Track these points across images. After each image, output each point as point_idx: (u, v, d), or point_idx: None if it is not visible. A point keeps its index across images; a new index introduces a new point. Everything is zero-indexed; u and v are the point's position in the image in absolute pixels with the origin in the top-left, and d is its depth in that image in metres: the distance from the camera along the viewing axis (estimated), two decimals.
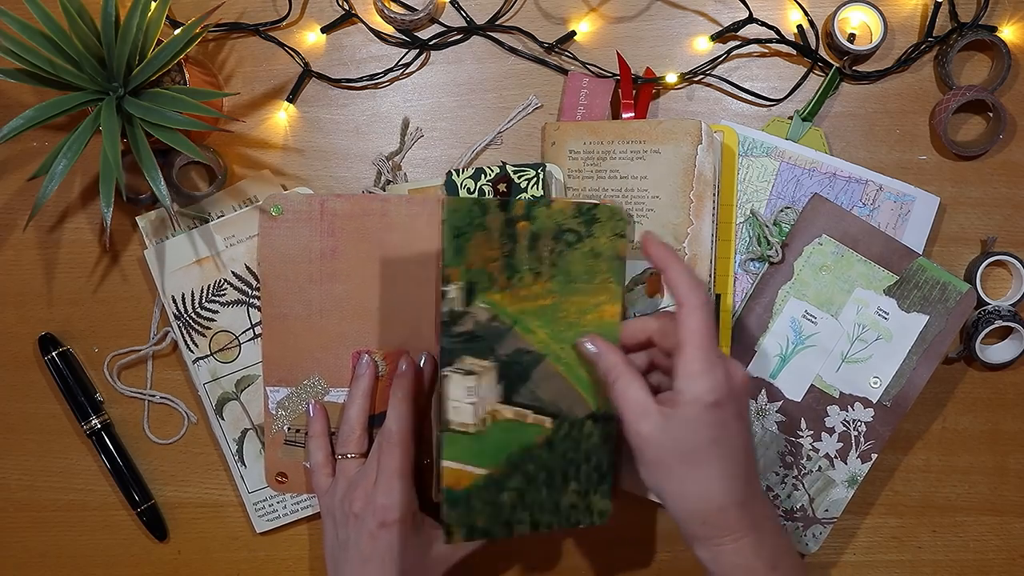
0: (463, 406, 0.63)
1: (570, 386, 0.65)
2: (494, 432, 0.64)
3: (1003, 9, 0.78)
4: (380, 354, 0.74)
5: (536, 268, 0.64)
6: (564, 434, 0.65)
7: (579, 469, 0.65)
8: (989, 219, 0.78)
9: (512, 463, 0.64)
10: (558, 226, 0.64)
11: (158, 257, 0.76)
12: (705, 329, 0.59)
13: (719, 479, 0.59)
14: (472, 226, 0.62)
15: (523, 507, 0.65)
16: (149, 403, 0.79)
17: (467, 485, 0.63)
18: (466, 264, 0.62)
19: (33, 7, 0.68)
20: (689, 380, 0.58)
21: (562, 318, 0.64)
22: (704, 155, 0.72)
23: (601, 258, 0.64)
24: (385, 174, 0.77)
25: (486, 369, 0.64)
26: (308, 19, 0.79)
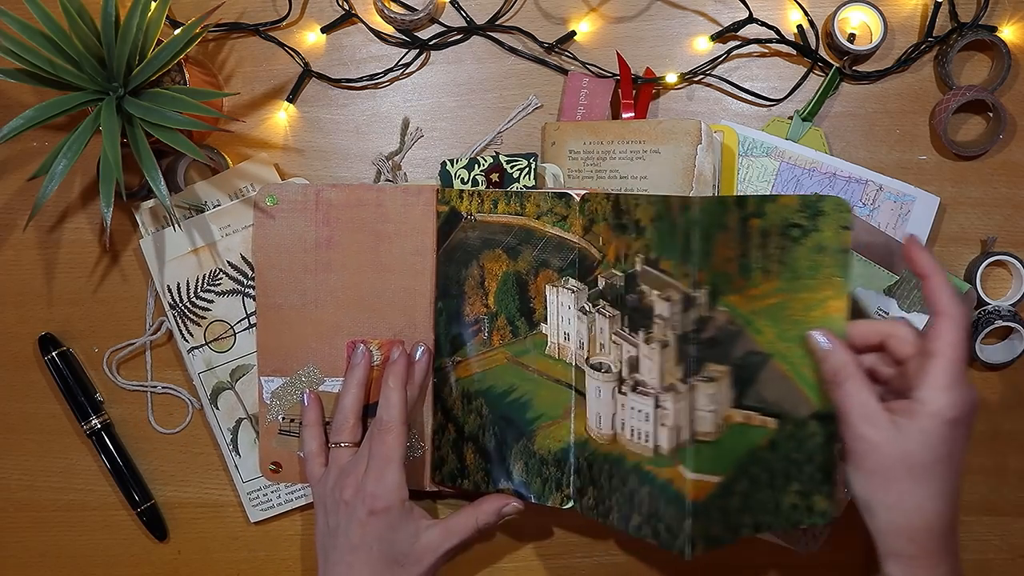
0: (705, 415, 0.61)
1: (794, 385, 0.63)
2: (728, 438, 0.62)
3: (1003, 9, 0.78)
4: (375, 344, 0.74)
5: (766, 266, 0.62)
6: (788, 434, 0.63)
7: (801, 469, 0.63)
8: (989, 219, 0.78)
9: (740, 467, 0.62)
10: (784, 221, 0.62)
11: (155, 247, 0.76)
12: (961, 343, 0.57)
13: (938, 498, 0.57)
14: (717, 226, 0.60)
15: (746, 510, 0.63)
16: (151, 394, 0.79)
17: (706, 495, 0.61)
18: (712, 267, 0.61)
19: (33, 7, 0.68)
20: (936, 392, 0.56)
21: (788, 316, 0.62)
22: (704, 155, 0.72)
23: (826, 252, 0.62)
24: (385, 173, 0.77)
25: (723, 374, 0.62)
26: (308, 19, 0.79)
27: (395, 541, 0.66)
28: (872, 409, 0.58)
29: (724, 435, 0.62)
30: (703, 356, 0.61)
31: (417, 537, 0.67)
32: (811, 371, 0.62)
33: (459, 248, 0.73)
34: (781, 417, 0.63)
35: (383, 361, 0.74)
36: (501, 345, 0.72)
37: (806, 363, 0.62)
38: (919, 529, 0.58)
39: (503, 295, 0.71)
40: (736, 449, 0.62)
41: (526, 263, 0.71)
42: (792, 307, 0.62)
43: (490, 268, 0.72)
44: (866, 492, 0.59)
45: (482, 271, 0.72)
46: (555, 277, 0.70)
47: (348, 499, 0.67)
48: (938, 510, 0.57)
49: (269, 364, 0.75)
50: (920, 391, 0.57)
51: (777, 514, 0.63)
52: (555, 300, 0.70)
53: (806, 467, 0.63)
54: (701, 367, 0.61)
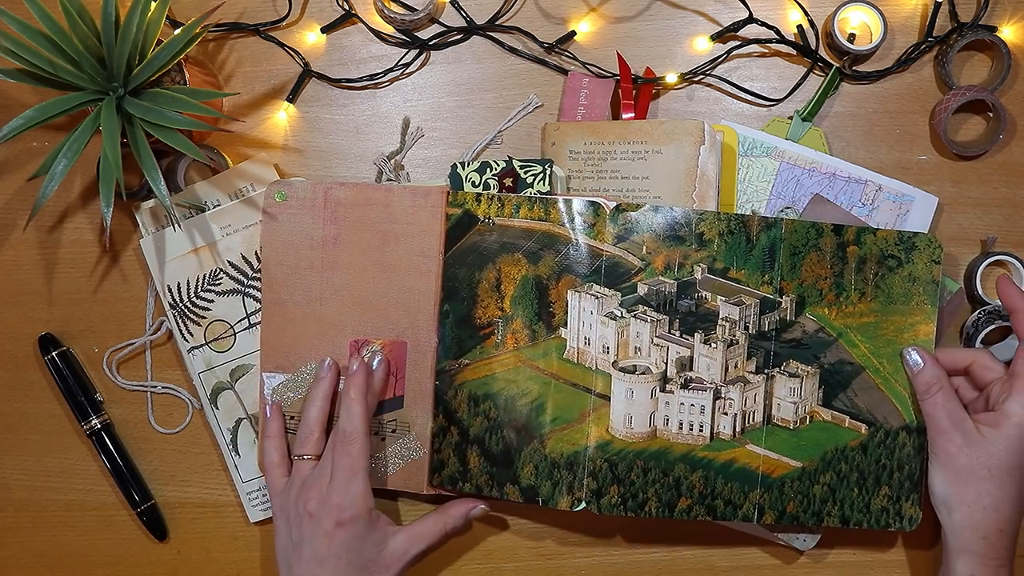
0: (785, 404, 0.71)
1: (886, 398, 0.71)
2: (811, 431, 0.71)
3: (1003, 9, 0.78)
4: (378, 343, 0.74)
5: (862, 288, 0.71)
6: (879, 441, 0.71)
7: (892, 475, 0.71)
8: (989, 219, 0.78)
9: (826, 460, 0.71)
10: (882, 252, 0.71)
11: (155, 246, 0.76)
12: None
13: (1013, 501, 0.65)
14: (807, 246, 0.70)
15: (834, 502, 0.71)
16: (151, 394, 0.79)
17: (781, 474, 0.71)
18: (798, 279, 0.71)
19: (33, 7, 0.68)
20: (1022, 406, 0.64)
21: (882, 335, 0.71)
22: (706, 155, 0.72)
23: (918, 282, 0.71)
24: (387, 173, 0.77)
25: (809, 374, 0.71)
26: (308, 19, 0.79)
27: (362, 550, 0.67)
28: (960, 416, 0.66)
29: (806, 428, 0.71)
30: (785, 353, 0.71)
31: (384, 544, 0.68)
32: (903, 387, 0.71)
33: (472, 251, 0.73)
34: (873, 424, 0.71)
35: (386, 363, 0.74)
36: (515, 348, 0.72)
37: (899, 379, 0.71)
38: (992, 529, 0.65)
39: (521, 299, 0.72)
40: (822, 443, 0.71)
41: (548, 268, 0.72)
42: (886, 327, 0.71)
43: (507, 272, 0.72)
44: (948, 490, 0.66)
45: (499, 274, 0.72)
46: (578, 283, 0.71)
47: (313, 511, 0.67)
48: (1010, 513, 0.65)
49: (272, 360, 0.75)
50: (1007, 404, 0.65)
51: (867, 513, 0.71)
52: (577, 305, 0.71)
53: (896, 474, 0.71)
54: (782, 362, 0.71)
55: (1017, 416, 0.64)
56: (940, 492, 0.66)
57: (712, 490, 0.71)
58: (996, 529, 0.65)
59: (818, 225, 0.70)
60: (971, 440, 0.65)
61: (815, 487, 0.71)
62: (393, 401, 0.75)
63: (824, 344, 0.71)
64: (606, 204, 0.71)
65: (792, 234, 0.70)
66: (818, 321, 0.71)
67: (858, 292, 0.71)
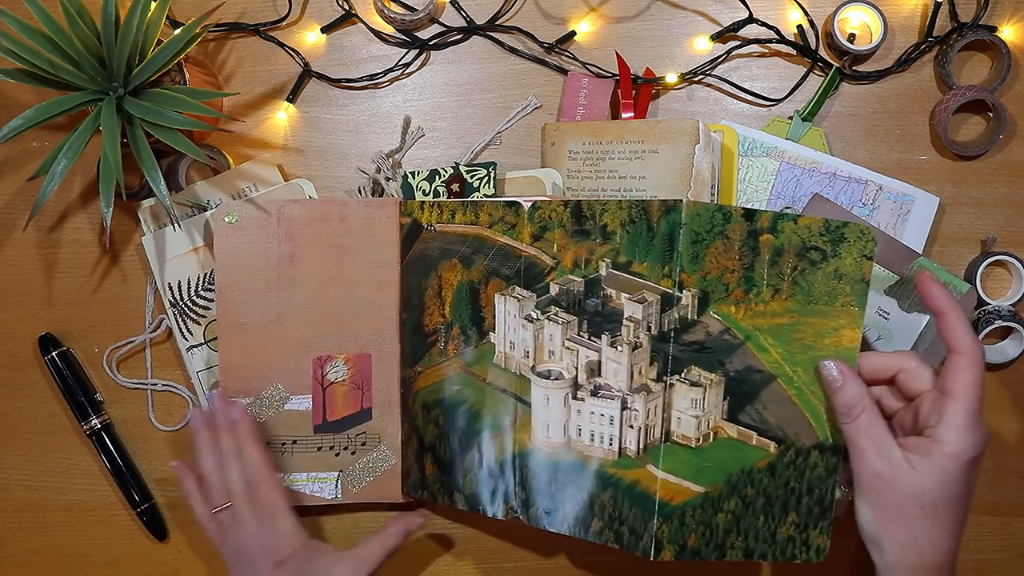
0: (686, 418, 0.61)
1: (799, 412, 0.61)
2: (715, 449, 0.61)
3: (1003, 9, 0.78)
4: (342, 359, 0.74)
5: (776, 284, 0.61)
6: (788, 461, 0.62)
7: (800, 500, 0.62)
8: (989, 219, 0.78)
9: (731, 485, 0.61)
10: (803, 243, 0.61)
11: (155, 244, 0.76)
12: (980, 382, 0.57)
13: (949, 536, 0.57)
14: (712, 233, 0.60)
15: (738, 532, 0.62)
16: (152, 392, 0.79)
17: (682, 501, 0.61)
18: (701, 272, 0.60)
19: (33, 7, 0.68)
20: (956, 432, 0.56)
21: (798, 339, 0.61)
22: (702, 155, 0.72)
23: (845, 280, 0.61)
24: (385, 171, 0.77)
25: (713, 383, 0.61)
26: (308, 19, 0.79)
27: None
28: (887, 445, 0.57)
29: (710, 446, 0.61)
30: (685, 358, 0.61)
31: (329, 573, 0.68)
32: (818, 399, 0.61)
33: (420, 259, 0.73)
34: (783, 442, 0.62)
35: (350, 376, 0.73)
36: (456, 354, 0.71)
37: (814, 390, 0.61)
38: (929, 567, 0.57)
39: (457, 305, 0.71)
40: (727, 464, 0.61)
41: (479, 272, 0.70)
42: (803, 331, 0.61)
43: (447, 278, 0.72)
44: (877, 528, 0.58)
45: (440, 281, 0.72)
46: (503, 286, 0.69)
47: (252, 557, 0.67)
48: (949, 547, 0.57)
49: (233, 385, 0.74)
50: (938, 430, 0.56)
51: (772, 543, 0.62)
52: (503, 309, 0.69)
53: (805, 499, 0.62)
54: (682, 368, 0.61)
55: (950, 445, 0.56)
56: (869, 530, 0.58)
57: (619, 514, 0.63)
58: (933, 567, 0.57)
59: (725, 209, 0.60)
60: (900, 472, 0.56)
61: (718, 515, 0.61)
62: (361, 414, 0.74)
63: (730, 348, 0.61)
64: (525, 203, 0.69)
65: (694, 219, 0.60)
66: (724, 321, 0.61)
67: (771, 288, 0.61)
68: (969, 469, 0.56)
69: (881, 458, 0.57)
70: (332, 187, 0.79)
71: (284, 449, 0.74)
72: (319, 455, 0.74)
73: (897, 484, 0.56)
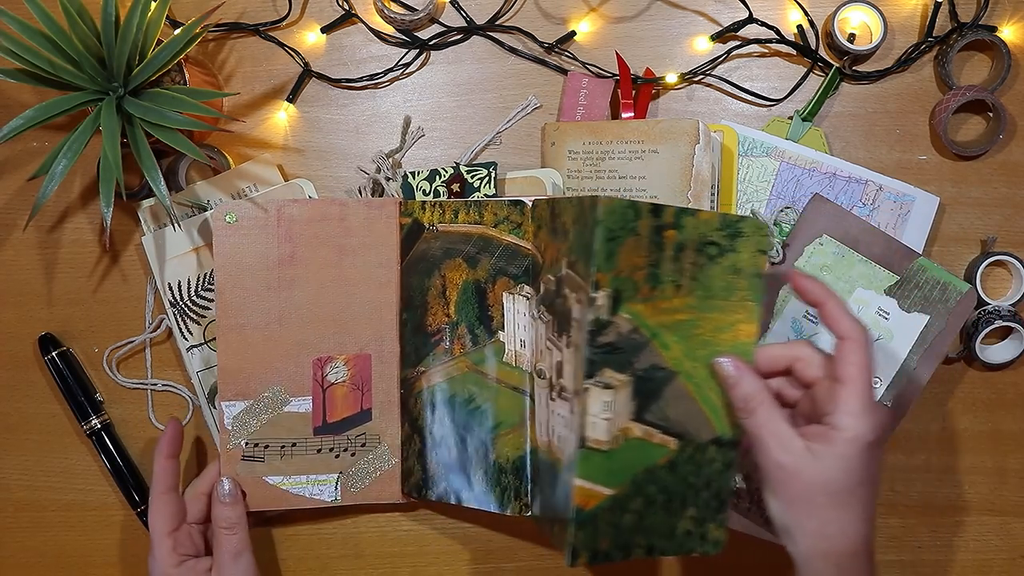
0: (599, 422, 0.60)
1: (698, 407, 0.61)
2: (624, 451, 0.60)
3: (1003, 9, 0.78)
4: (342, 359, 0.74)
5: (678, 280, 0.60)
6: (687, 457, 0.61)
7: (698, 495, 0.62)
8: (989, 219, 0.78)
9: (636, 484, 0.61)
10: (702, 237, 0.60)
11: (156, 245, 0.76)
12: (869, 365, 0.57)
13: (860, 522, 0.57)
14: (625, 230, 0.58)
15: (641, 531, 0.61)
16: (152, 392, 0.79)
17: (595, 506, 0.60)
18: (614, 270, 0.59)
19: (33, 7, 0.68)
20: (851, 417, 0.56)
21: (697, 335, 0.61)
22: (701, 155, 0.72)
23: (741, 274, 0.60)
24: (385, 171, 0.77)
25: (623, 384, 0.60)
26: (308, 19, 0.79)
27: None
28: (787, 436, 0.57)
29: (620, 447, 0.61)
30: (600, 360, 0.60)
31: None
32: (716, 394, 0.61)
33: (422, 259, 0.73)
34: (682, 438, 0.61)
35: (350, 376, 0.73)
36: (462, 354, 0.72)
37: (711, 386, 0.61)
38: (843, 554, 0.57)
39: (463, 304, 0.71)
40: (633, 465, 0.61)
41: (484, 271, 0.71)
42: (702, 326, 0.61)
43: (451, 277, 0.72)
44: (787, 519, 0.58)
45: (444, 281, 0.72)
46: (511, 284, 0.70)
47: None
48: (861, 533, 0.57)
49: (231, 388, 0.73)
50: (835, 417, 0.56)
51: (671, 539, 0.62)
52: (512, 307, 0.70)
53: (703, 493, 0.62)
54: (597, 371, 0.60)
55: (849, 430, 0.55)
56: (779, 520, 0.58)
57: (558, 518, 0.63)
58: (848, 554, 0.57)
59: (635, 203, 0.58)
60: (802, 462, 0.56)
61: (625, 516, 0.61)
62: (361, 415, 0.74)
63: (638, 347, 0.60)
64: (528, 201, 0.69)
65: (607, 215, 0.58)
66: (633, 320, 0.60)
67: (673, 285, 0.60)
68: (870, 453, 0.56)
69: (783, 450, 0.57)
70: (332, 187, 0.79)
71: (283, 452, 0.74)
72: (319, 457, 0.74)
73: (801, 474, 0.56)
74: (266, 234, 0.72)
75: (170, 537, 0.69)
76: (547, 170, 0.75)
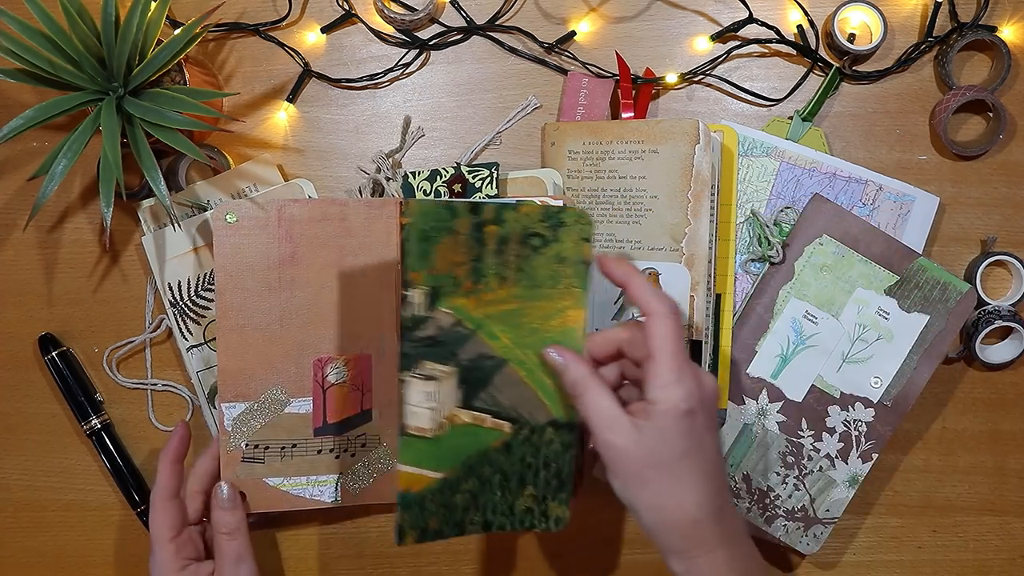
0: (421, 411, 0.62)
1: (532, 392, 0.64)
2: (452, 436, 0.63)
3: (1003, 9, 0.78)
4: (342, 360, 0.73)
5: (502, 273, 0.63)
6: (523, 439, 0.64)
7: (537, 474, 0.64)
8: (989, 219, 0.78)
9: (468, 466, 0.63)
10: (525, 230, 0.63)
11: (156, 245, 0.76)
12: (675, 336, 0.58)
13: (694, 491, 0.58)
14: (440, 229, 0.61)
15: (476, 508, 0.64)
16: (152, 392, 0.79)
17: (422, 488, 0.62)
18: (430, 268, 0.61)
19: (33, 7, 0.68)
20: (662, 389, 0.57)
21: (526, 323, 0.63)
22: (701, 154, 0.72)
23: (566, 263, 0.63)
24: (385, 171, 0.77)
25: (446, 374, 0.63)
26: (308, 19, 0.79)
27: None
28: (614, 415, 0.58)
29: (447, 434, 0.63)
30: (417, 354, 0.62)
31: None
32: (549, 378, 0.63)
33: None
34: (517, 422, 0.64)
35: (350, 377, 0.73)
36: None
37: (544, 370, 0.63)
38: (684, 523, 0.58)
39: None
40: (464, 449, 0.63)
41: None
42: (530, 314, 0.63)
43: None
44: (626, 496, 0.59)
45: None
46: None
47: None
48: (698, 501, 0.58)
49: (231, 389, 0.72)
50: (649, 391, 0.58)
51: (511, 515, 0.64)
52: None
53: (542, 472, 0.64)
54: (415, 364, 0.62)
55: (662, 403, 0.57)
56: (621, 498, 0.59)
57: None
58: (688, 523, 0.58)
59: (451, 203, 0.62)
60: (630, 439, 0.57)
61: (456, 496, 0.63)
62: (361, 415, 0.74)
63: (462, 339, 0.63)
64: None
65: (420, 217, 0.61)
66: (455, 314, 0.62)
67: (498, 277, 0.63)
68: (689, 422, 0.57)
69: (611, 430, 0.58)
70: (332, 187, 0.79)
71: (284, 453, 0.74)
72: (319, 458, 0.74)
73: (629, 451, 0.57)
74: (266, 234, 0.72)
75: (172, 543, 0.69)
76: (547, 170, 0.75)
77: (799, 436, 0.75)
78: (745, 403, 0.75)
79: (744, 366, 0.75)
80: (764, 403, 0.75)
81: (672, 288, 0.72)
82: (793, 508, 0.75)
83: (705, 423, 0.58)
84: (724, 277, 0.75)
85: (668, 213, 0.72)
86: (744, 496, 0.75)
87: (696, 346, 0.72)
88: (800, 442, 0.75)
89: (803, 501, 0.75)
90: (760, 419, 0.75)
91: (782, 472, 0.75)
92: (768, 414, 0.75)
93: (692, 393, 0.57)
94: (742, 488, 0.75)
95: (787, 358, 0.75)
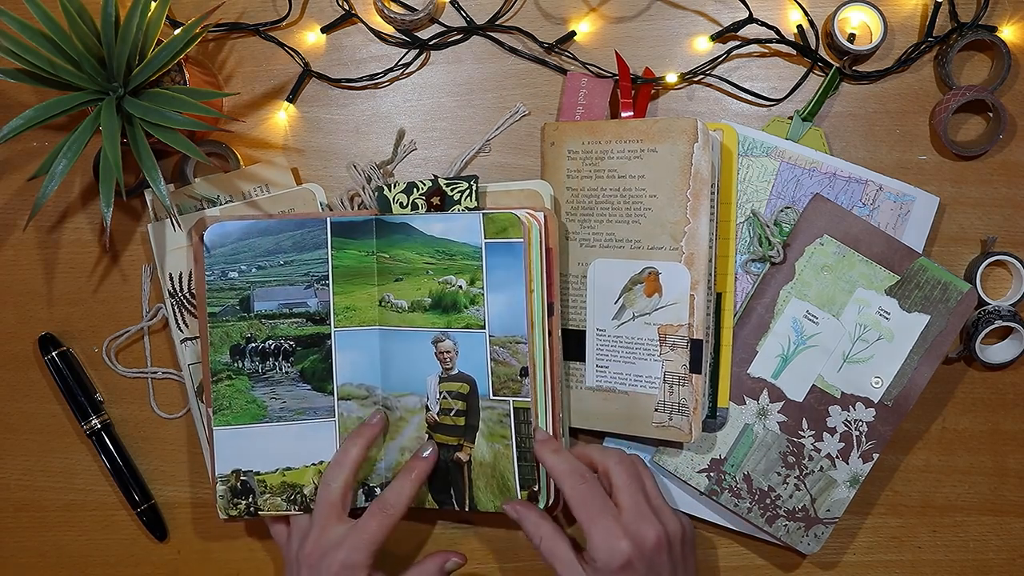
0: None
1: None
2: None
3: (1003, 9, 0.78)
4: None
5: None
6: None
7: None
8: (989, 219, 0.78)
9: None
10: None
11: (158, 233, 0.76)
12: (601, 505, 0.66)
13: None
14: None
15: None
16: (152, 380, 0.79)
17: None
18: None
19: (33, 7, 0.68)
20: (595, 551, 0.65)
21: None
22: (700, 153, 0.72)
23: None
24: (376, 180, 0.76)
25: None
26: (308, 19, 0.79)
27: None
28: (568, 561, 0.67)
29: None
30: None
31: None
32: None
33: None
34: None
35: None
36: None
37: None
38: None
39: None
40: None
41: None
42: None
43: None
44: None
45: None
46: None
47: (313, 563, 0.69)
48: None
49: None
50: (588, 549, 0.66)
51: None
52: None
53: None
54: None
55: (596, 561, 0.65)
56: None
57: None
58: None
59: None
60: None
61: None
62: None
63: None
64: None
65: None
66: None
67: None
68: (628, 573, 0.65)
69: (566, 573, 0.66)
70: (332, 187, 0.79)
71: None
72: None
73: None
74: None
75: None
76: (540, 182, 0.74)
77: (800, 436, 0.75)
78: (746, 403, 0.75)
79: (745, 366, 0.75)
80: (765, 403, 0.75)
81: (672, 287, 0.72)
82: (794, 508, 0.75)
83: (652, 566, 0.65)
84: (724, 276, 0.75)
85: (667, 212, 0.72)
86: (745, 496, 0.75)
87: (696, 345, 0.71)
88: (801, 442, 0.75)
89: (804, 501, 0.75)
90: (761, 419, 0.75)
91: (783, 472, 0.75)
92: (769, 414, 0.75)
93: (624, 551, 0.64)
94: (743, 488, 0.75)
95: (788, 358, 0.75)
